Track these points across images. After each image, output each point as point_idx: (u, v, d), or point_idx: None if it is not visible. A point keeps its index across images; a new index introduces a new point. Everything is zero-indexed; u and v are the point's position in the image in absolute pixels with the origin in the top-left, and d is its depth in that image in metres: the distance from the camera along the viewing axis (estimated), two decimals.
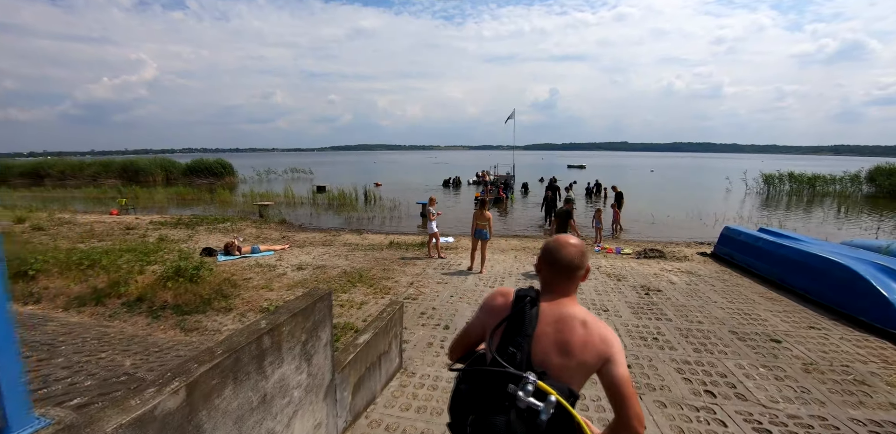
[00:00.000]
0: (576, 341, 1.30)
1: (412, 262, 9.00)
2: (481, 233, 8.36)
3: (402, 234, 13.07)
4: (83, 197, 25.97)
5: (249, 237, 12.16)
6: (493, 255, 9.84)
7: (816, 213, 20.71)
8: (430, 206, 9.56)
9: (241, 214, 17.25)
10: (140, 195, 24.31)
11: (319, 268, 8.53)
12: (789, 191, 30.09)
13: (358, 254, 9.86)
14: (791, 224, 16.49)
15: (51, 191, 28.69)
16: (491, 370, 1.23)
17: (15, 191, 28.29)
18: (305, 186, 28.06)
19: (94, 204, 21.96)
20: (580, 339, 1.30)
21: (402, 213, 18.42)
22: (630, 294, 7.10)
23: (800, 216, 19.57)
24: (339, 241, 11.63)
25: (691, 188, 34.28)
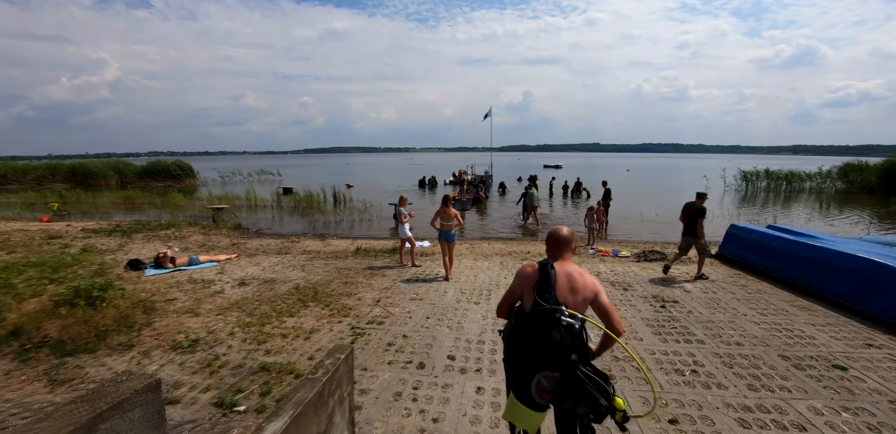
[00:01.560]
0: (578, 286, 2.22)
1: (381, 273, 7.57)
2: (447, 234, 7.11)
3: (372, 239, 11.60)
4: (20, 202, 23.28)
5: (193, 245, 10.46)
6: (477, 262, 8.51)
7: (799, 210, 20.30)
8: (400, 206, 8.16)
9: (193, 219, 15.39)
10: (84, 200, 21.94)
11: (267, 282, 7.00)
12: (766, 187, 30.02)
13: (317, 263, 8.35)
14: (780, 221, 15.81)
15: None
16: (544, 308, 2.05)
17: None
18: (271, 189, 26.11)
19: (27, 210, 19.52)
20: (580, 285, 2.22)
21: (373, 215, 16.90)
22: (643, 307, 5.89)
23: (784, 212, 19.06)
24: (297, 248, 10.07)
25: (670, 187, 33.94)
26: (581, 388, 1.93)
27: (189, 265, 8.34)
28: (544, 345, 1.98)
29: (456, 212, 7.19)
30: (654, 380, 3.85)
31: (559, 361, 1.95)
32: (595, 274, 7.67)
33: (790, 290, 6.83)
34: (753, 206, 21.84)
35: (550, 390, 1.99)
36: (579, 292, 2.19)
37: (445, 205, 7.16)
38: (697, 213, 7.27)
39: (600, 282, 2.30)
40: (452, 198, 20.50)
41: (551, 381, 1.98)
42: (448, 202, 7.14)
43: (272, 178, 42.14)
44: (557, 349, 1.95)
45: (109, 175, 34.24)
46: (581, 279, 2.22)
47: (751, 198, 25.81)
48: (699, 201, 7.36)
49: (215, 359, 4.27)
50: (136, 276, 7.53)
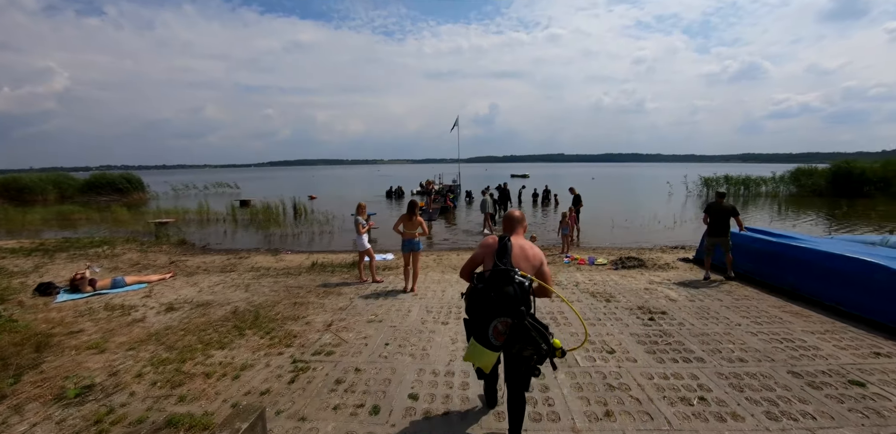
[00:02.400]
0: (527, 256, 2.67)
1: (337, 291, 6.68)
2: (411, 243, 6.41)
3: (331, 253, 10.65)
4: None
5: (124, 264, 9.21)
6: (445, 275, 7.75)
7: (760, 212, 20.74)
8: (358, 215, 7.34)
9: (132, 235, 13.92)
10: (11, 216, 19.78)
11: (201, 306, 5.99)
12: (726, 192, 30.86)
13: (265, 282, 7.37)
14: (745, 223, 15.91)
15: None
16: (503, 269, 2.47)
17: None
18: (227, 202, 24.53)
19: None
20: (531, 255, 2.69)
21: (335, 227, 15.89)
22: (630, 321, 5.29)
23: (746, 216, 19.34)
24: (245, 264, 9.01)
25: (635, 193, 34.51)
26: (527, 334, 2.38)
27: (112, 288, 7.18)
28: (501, 296, 2.40)
29: (422, 220, 6.47)
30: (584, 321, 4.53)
31: (512, 310, 2.39)
32: (573, 284, 7.08)
33: (777, 294, 6.44)
34: None
35: (504, 333, 2.43)
36: (529, 260, 2.67)
37: (412, 212, 6.41)
38: (732, 212, 7.28)
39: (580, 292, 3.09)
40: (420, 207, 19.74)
41: (505, 325, 2.42)
42: (415, 209, 6.40)
43: (230, 190, 40.08)
44: (511, 300, 2.39)
45: (47, 190, 31.51)
46: (531, 250, 2.73)
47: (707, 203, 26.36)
48: (720, 200, 7.44)
49: (109, 412, 3.30)
50: (43, 303, 6.34)
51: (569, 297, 6.29)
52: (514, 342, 2.41)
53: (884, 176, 26.63)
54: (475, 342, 2.50)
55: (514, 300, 2.38)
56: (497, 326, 2.42)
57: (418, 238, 6.45)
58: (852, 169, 27.59)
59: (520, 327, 2.37)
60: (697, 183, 31.88)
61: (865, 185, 26.69)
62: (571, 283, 7.09)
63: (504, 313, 2.40)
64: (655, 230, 14.81)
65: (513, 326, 2.38)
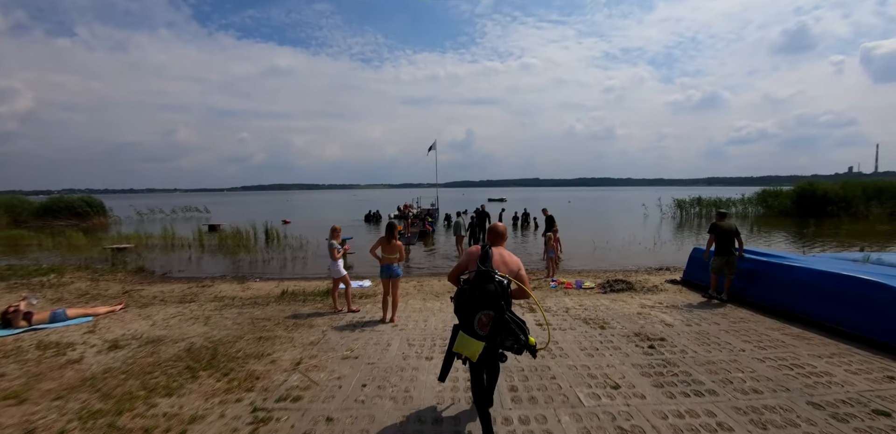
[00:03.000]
0: (506, 261, 3.09)
1: (308, 323, 6.06)
2: (391, 269, 5.93)
3: (304, 280, 9.97)
4: None
5: (70, 295, 8.32)
6: (427, 302, 7.24)
7: None
8: (332, 239, 6.83)
9: (86, 262, 12.85)
10: None
11: (151, 343, 5.28)
12: (698, 213, 31.66)
13: (228, 313, 6.68)
14: None
15: None
16: (484, 270, 2.80)
17: None
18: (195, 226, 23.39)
19: None
20: (508, 260, 3.11)
21: (309, 253, 15.16)
22: (630, 350, 4.90)
23: None
24: (207, 294, 8.27)
25: (612, 216, 34.95)
26: (507, 326, 2.73)
27: (51, 322, 6.35)
28: (483, 293, 2.73)
29: (401, 244, 6.01)
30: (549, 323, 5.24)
31: (493, 304, 2.72)
32: (563, 310, 6.68)
33: (772, 316, 6.20)
34: (692, 230, 22.51)
35: (487, 324, 2.72)
36: (507, 265, 3.08)
37: (390, 235, 5.95)
38: (736, 233, 7.16)
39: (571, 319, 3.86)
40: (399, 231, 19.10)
41: (488, 317, 2.72)
42: (394, 232, 5.95)
43: (199, 215, 38.52)
44: (492, 296, 2.73)
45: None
46: (510, 257, 3.15)
47: (686, 223, 26.83)
48: (724, 220, 7.33)
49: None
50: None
51: (560, 324, 5.88)
52: (497, 333, 2.75)
53: (844, 196, 27.77)
54: (463, 333, 2.80)
55: (495, 296, 2.73)
56: (481, 318, 2.73)
57: (398, 264, 5.97)
58: (815, 190, 28.74)
59: (501, 320, 2.72)
60: (671, 205, 32.57)
61: (828, 205, 27.73)
62: (561, 310, 6.69)
63: (487, 307, 2.73)
64: (637, 252, 14.71)
65: (495, 319, 2.72)
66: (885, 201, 27.45)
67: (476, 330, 2.73)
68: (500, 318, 2.69)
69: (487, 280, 2.75)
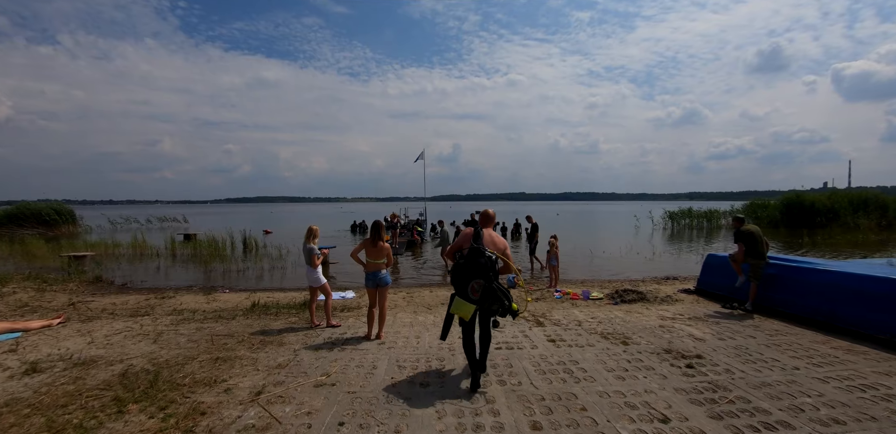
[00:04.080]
0: (494, 241, 3.71)
1: (278, 340, 5.11)
2: (377, 277, 5.04)
3: (279, 291, 8.96)
4: None
5: (7, 307, 7.19)
6: (418, 316, 6.34)
7: (729, 242, 20.66)
8: (309, 243, 5.93)
9: (39, 271, 11.58)
10: None
11: (81, 366, 4.28)
12: (689, 225, 31.40)
13: (185, 329, 5.68)
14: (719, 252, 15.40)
15: None
16: (476, 247, 3.50)
17: None
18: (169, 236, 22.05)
19: None
20: (496, 240, 3.73)
21: (289, 263, 14.07)
22: (666, 370, 4.08)
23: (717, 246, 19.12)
24: (166, 306, 7.22)
25: (602, 227, 34.52)
26: (495, 293, 3.41)
27: None
28: (475, 265, 3.45)
29: (388, 247, 5.14)
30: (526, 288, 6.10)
31: (483, 274, 3.43)
32: (575, 323, 5.85)
33: (809, 327, 5.49)
34: (686, 241, 22.03)
35: (478, 290, 3.43)
36: (496, 244, 3.69)
37: (376, 236, 5.08)
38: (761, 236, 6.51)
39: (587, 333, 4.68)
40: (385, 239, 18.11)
41: (479, 285, 3.43)
42: (380, 232, 5.08)
43: (176, 225, 36.88)
44: (482, 267, 3.44)
45: None
46: (497, 238, 3.77)
47: (678, 234, 26.43)
48: (743, 225, 6.68)
49: None
50: None
51: (575, 340, 5.05)
52: (486, 299, 3.43)
53: (832, 207, 27.80)
54: (458, 298, 3.50)
55: (485, 268, 3.43)
56: (473, 286, 3.44)
57: (385, 270, 5.10)
58: (803, 201, 28.75)
59: (489, 288, 3.41)
60: (663, 217, 32.29)
61: (816, 216, 27.70)
62: (573, 323, 5.86)
63: (477, 276, 3.44)
64: (636, 261, 14.03)
65: (484, 287, 3.42)
66: (870, 212, 27.62)
67: (469, 294, 3.47)
68: (488, 286, 3.42)
69: (479, 255, 3.47)
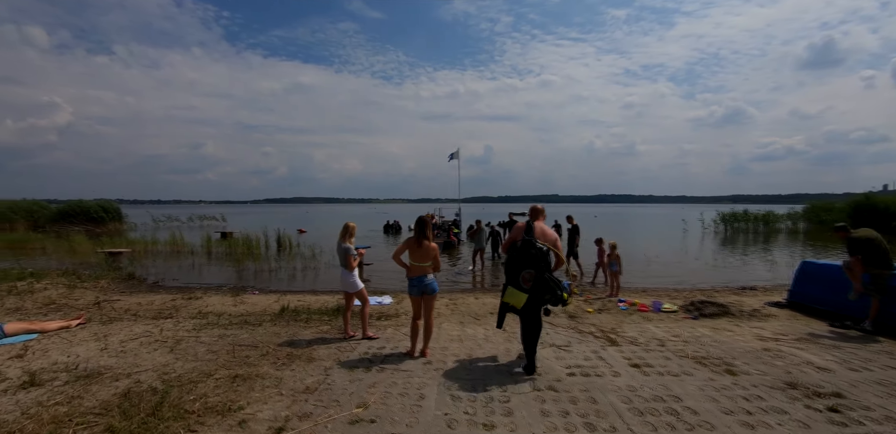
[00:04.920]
0: (545, 234, 3.93)
1: (307, 354, 4.40)
2: (423, 283, 4.24)
3: (310, 294, 8.34)
4: None
5: (32, 305, 6.91)
6: (466, 328, 5.51)
7: (798, 247, 18.75)
8: (344, 241, 5.21)
9: (79, 267, 11.57)
10: None
11: (84, 379, 3.71)
12: (745, 229, 29.15)
13: (207, 336, 5.09)
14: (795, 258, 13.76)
15: None
16: (528, 239, 3.79)
17: None
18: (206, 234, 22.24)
19: None
20: (547, 233, 3.94)
21: (322, 263, 13.58)
22: (802, 414, 3.09)
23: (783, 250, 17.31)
24: (191, 308, 6.72)
25: (648, 230, 32.61)
26: (547, 284, 3.66)
27: None
28: (528, 256, 3.70)
29: (436, 247, 4.35)
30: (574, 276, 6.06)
31: (534, 264, 3.67)
32: (655, 342, 4.87)
33: None
34: (747, 245, 20.17)
35: (529, 280, 3.67)
36: (546, 236, 3.88)
37: (422, 233, 4.30)
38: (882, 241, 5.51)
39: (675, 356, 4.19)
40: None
41: (530, 275, 3.67)
42: (427, 230, 4.30)
43: (215, 223, 37.68)
44: (533, 258, 3.68)
45: (14, 218, 29.23)
46: (548, 231, 3.96)
47: (733, 238, 24.45)
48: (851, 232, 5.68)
49: None
50: None
51: (664, 366, 4.09)
52: (538, 289, 3.69)
53: None
54: (511, 287, 3.77)
55: (536, 258, 3.70)
56: (524, 275, 3.70)
57: (432, 275, 4.31)
58: (875, 204, 26.11)
59: (540, 278, 3.68)
60: (714, 219, 30.11)
61: (892, 220, 25.01)
62: (653, 342, 4.89)
63: (529, 267, 3.70)
64: (697, 267, 12.68)
65: (535, 277, 3.68)
66: None
67: (521, 284, 3.70)
68: (539, 276, 3.67)
69: (530, 247, 3.72)
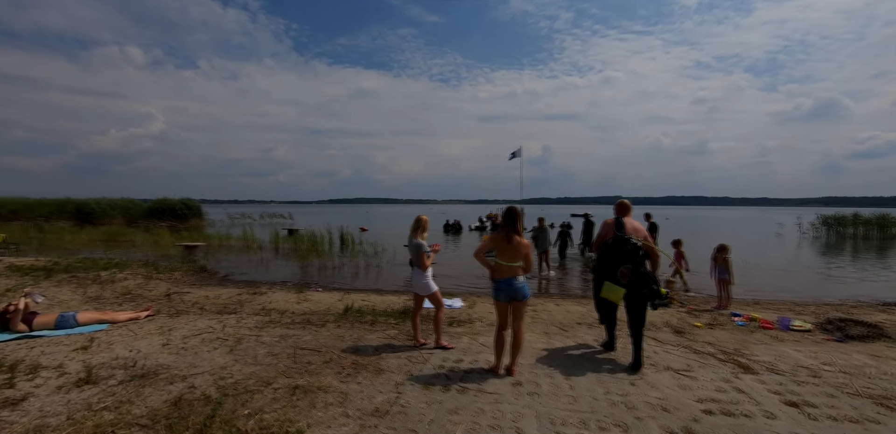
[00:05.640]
0: (636, 229, 4.03)
1: (375, 364, 3.82)
2: (513, 286, 3.52)
3: (374, 293, 7.90)
4: None
5: (113, 293, 7.06)
6: (552, 339, 4.70)
7: None
8: (416, 236, 4.38)
9: (159, 259, 12.13)
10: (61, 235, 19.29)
11: (138, 379, 3.40)
12: (852, 234, 25.42)
13: (269, 335, 4.72)
14: None
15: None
16: (621, 236, 3.92)
17: None
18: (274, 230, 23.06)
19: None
20: (638, 228, 4.05)
21: (384, 261, 13.26)
22: None
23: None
24: (255, 304, 6.48)
25: (733, 234, 29.52)
26: (644, 278, 3.75)
27: (57, 328, 4.89)
28: (623, 251, 3.82)
29: (527, 244, 3.62)
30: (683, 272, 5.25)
31: (630, 259, 3.79)
32: (806, 372, 3.79)
33: None
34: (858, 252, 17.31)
35: (627, 274, 3.75)
36: (637, 232, 3.96)
37: (512, 227, 3.57)
38: None
39: (841, 392, 3.22)
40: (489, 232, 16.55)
41: (627, 270, 3.76)
42: (518, 222, 3.58)
43: (283, 221, 39.45)
44: (630, 253, 3.80)
45: (112, 214, 32.35)
46: (639, 226, 4.05)
47: (840, 245, 21.24)
48: None
49: None
50: None
51: (834, 406, 3.05)
52: (635, 284, 3.76)
53: None
54: (608, 283, 3.86)
55: (632, 253, 3.81)
56: (622, 270, 3.78)
57: (523, 277, 3.59)
58: None
59: (637, 273, 3.76)
60: (814, 223, 26.55)
61: None
62: (801, 371, 3.81)
63: (626, 261, 3.80)
64: (809, 278, 10.81)
65: (633, 272, 3.76)
66: None
67: (619, 278, 3.78)
68: (636, 271, 3.76)
69: (625, 243, 3.83)
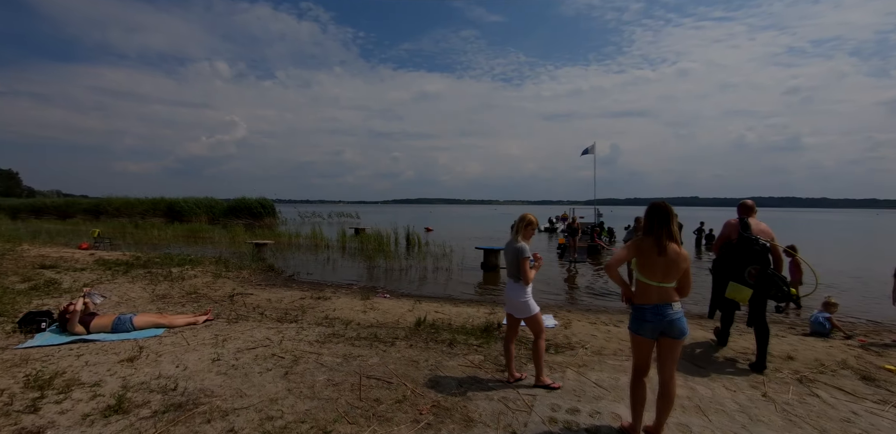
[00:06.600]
0: (762, 229, 3.99)
1: (462, 408, 2.89)
2: (666, 315, 2.41)
3: (447, 301, 7.03)
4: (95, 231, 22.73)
5: (177, 292, 6.82)
6: (693, 383, 3.49)
7: None
8: (522, 238, 3.34)
9: (232, 256, 12.24)
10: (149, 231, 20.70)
11: (174, 410, 2.75)
12: None
13: (330, 353, 3.98)
14: None
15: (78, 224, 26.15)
16: (747, 236, 3.89)
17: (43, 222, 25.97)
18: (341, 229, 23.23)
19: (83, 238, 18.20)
20: (763, 229, 4.01)
21: (452, 263, 12.41)
22: None
23: None
24: (319, 310, 5.86)
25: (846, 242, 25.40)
26: (772, 279, 3.73)
27: (114, 331, 4.53)
28: (751, 252, 3.80)
29: (687, 255, 2.50)
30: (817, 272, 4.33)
31: (759, 260, 3.78)
32: None
33: None
34: None
35: (755, 275, 3.75)
36: (764, 233, 3.93)
37: (665, 231, 2.46)
38: None
39: None
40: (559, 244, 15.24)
41: (756, 270, 3.75)
42: (672, 223, 2.47)
43: (350, 220, 40.37)
44: (759, 254, 3.78)
45: (197, 212, 34.81)
46: (765, 226, 4.01)
47: None
48: None
49: None
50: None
51: None
52: (763, 285, 3.74)
53: None
54: (734, 283, 3.83)
55: (760, 254, 3.79)
56: (750, 271, 3.77)
57: (679, 303, 2.48)
58: None
59: (765, 274, 3.74)
60: None
61: None
62: None
63: (754, 262, 3.78)
64: None
65: (760, 273, 3.74)
66: None
67: (746, 278, 3.77)
68: (764, 272, 3.73)
69: (752, 243, 3.81)
